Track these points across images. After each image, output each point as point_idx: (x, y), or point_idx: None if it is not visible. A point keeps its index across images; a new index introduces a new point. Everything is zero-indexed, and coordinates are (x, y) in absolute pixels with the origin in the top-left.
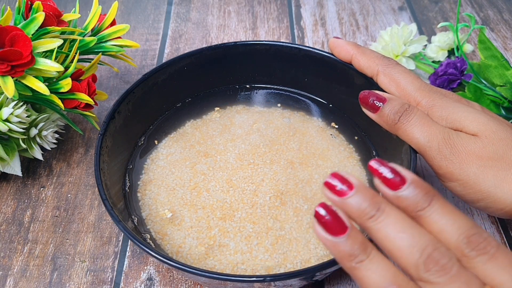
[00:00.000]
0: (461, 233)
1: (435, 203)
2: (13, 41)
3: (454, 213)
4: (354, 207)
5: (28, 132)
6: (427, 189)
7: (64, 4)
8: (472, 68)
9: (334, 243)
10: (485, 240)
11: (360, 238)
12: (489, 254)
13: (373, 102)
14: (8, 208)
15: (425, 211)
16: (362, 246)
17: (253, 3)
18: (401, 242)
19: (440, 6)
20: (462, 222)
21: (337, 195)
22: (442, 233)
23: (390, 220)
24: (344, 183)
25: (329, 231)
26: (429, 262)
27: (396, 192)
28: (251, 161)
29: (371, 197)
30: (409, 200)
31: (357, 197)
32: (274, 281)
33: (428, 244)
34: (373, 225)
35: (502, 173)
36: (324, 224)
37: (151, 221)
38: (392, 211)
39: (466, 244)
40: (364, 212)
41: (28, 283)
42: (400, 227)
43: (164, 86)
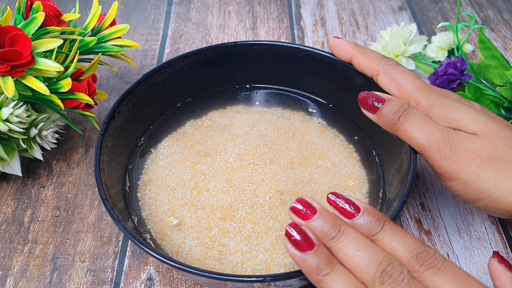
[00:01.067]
0: (411, 251)
1: (386, 227)
2: (13, 41)
3: (404, 235)
4: (317, 229)
5: (28, 132)
6: (378, 215)
7: (64, 4)
8: (472, 68)
9: (302, 258)
10: (432, 256)
11: (325, 253)
12: (436, 268)
13: (372, 103)
14: (8, 208)
15: (379, 235)
16: (327, 260)
17: (253, 3)
18: (359, 259)
19: (440, 6)
20: (411, 242)
21: (302, 219)
22: (395, 252)
23: (349, 239)
24: (308, 208)
25: (298, 248)
26: (383, 275)
27: (352, 220)
28: (251, 161)
29: (332, 220)
30: (364, 227)
31: (320, 220)
32: (274, 281)
33: (382, 260)
34: (335, 245)
35: (501, 172)
36: (294, 242)
37: (151, 221)
38: (350, 231)
39: (416, 261)
40: (326, 234)
41: (28, 283)
42: (357, 246)
43: (164, 86)
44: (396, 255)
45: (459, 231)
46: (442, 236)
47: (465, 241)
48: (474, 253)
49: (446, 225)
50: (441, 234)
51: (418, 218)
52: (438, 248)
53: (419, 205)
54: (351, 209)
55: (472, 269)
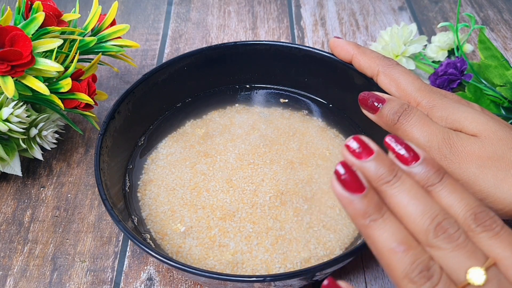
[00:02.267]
0: (469, 209)
1: (445, 180)
2: (13, 41)
3: (463, 191)
4: (371, 171)
5: (28, 132)
6: (438, 167)
7: (64, 4)
8: (472, 68)
9: (350, 200)
10: (491, 219)
11: (375, 199)
12: (494, 231)
13: (372, 103)
14: (8, 208)
15: (436, 187)
16: (377, 206)
17: (253, 3)
18: (413, 208)
19: (440, 6)
20: (471, 199)
21: (356, 157)
22: (451, 208)
23: (405, 187)
24: (365, 148)
25: (347, 188)
26: (438, 229)
27: (409, 167)
28: (251, 161)
29: (389, 164)
30: (421, 176)
31: (376, 162)
32: (274, 281)
33: (438, 214)
34: (389, 189)
35: (501, 173)
36: (343, 182)
37: (151, 221)
38: (407, 179)
39: (473, 220)
40: (381, 177)
41: (28, 283)
42: (413, 195)
43: (164, 86)
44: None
45: None
46: None
47: None
48: None
49: None
50: None
51: None
52: None
53: None
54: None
55: None
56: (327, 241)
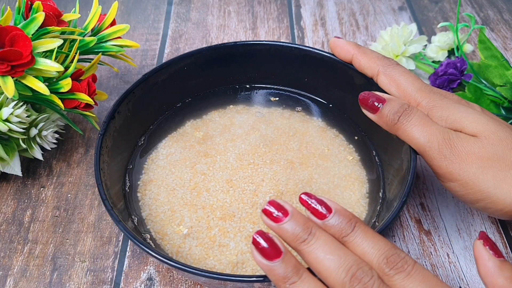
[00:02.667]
0: (381, 254)
1: (357, 229)
2: (13, 41)
3: (375, 237)
4: (288, 231)
5: (28, 132)
6: (350, 217)
7: (64, 4)
8: (472, 68)
9: (270, 267)
10: (403, 260)
11: (293, 261)
12: (406, 272)
13: (372, 103)
14: (8, 208)
15: (349, 237)
16: (295, 268)
17: (253, 3)
18: (329, 263)
19: (440, 6)
20: (382, 244)
21: (273, 221)
22: (365, 255)
23: (320, 242)
24: (280, 210)
25: (266, 256)
26: (353, 280)
27: (323, 221)
28: (251, 161)
29: (303, 222)
30: (335, 228)
31: (291, 223)
32: None
33: (352, 264)
34: (305, 248)
35: (501, 173)
36: (261, 250)
37: (151, 221)
38: (321, 234)
39: (386, 264)
40: (297, 236)
41: (28, 283)
42: (328, 249)
43: (164, 86)
44: (367, 257)
45: (459, 231)
46: (442, 236)
47: (465, 241)
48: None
49: (446, 225)
50: (441, 234)
51: (418, 218)
52: (438, 248)
53: (419, 205)
54: (323, 210)
55: (472, 269)
56: None
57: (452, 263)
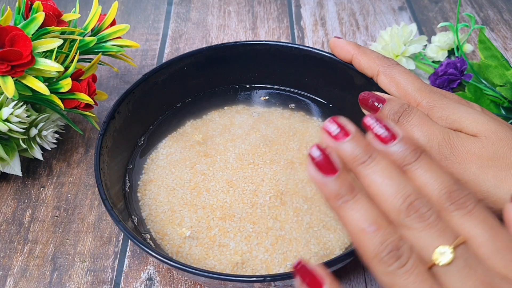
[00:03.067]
0: (443, 187)
1: (422, 159)
2: (13, 41)
3: (439, 170)
4: (347, 152)
5: (28, 132)
6: (416, 145)
7: (64, 4)
8: (472, 68)
9: (323, 182)
10: (465, 196)
11: (348, 180)
12: (466, 209)
13: (372, 103)
14: (8, 208)
15: (412, 165)
16: (349, 187)
17: (253, 3)
18: (386, 188)
19: (440, 6)
20: (446, 178)
21: (333, 139)
22: (426, 187)
23: (379, 167)
24: (342, 129)
25: (321, 170)
26: (410, 209)
27: (386, 146)
28: (251, 161)
29: (364, 145)
30: (398, 155)
31: (352, 144)
32: (274, 281)
33: (411, 193)
34: (363, 170)
35: (502, 173)
36: (317, 164)
37: (151, 221)
38: (382, 159)
39: (447, 198)
40: (356, 158)
41: (28, 283)
42: (387, 174)
43: (164, 86)
44: (428, 189)
45: None
46: None
47: None
48: None
49: None
50: None
51: None
52: None
53: None
54: (387, 135)
55: None
56: (327, 241)
57: None
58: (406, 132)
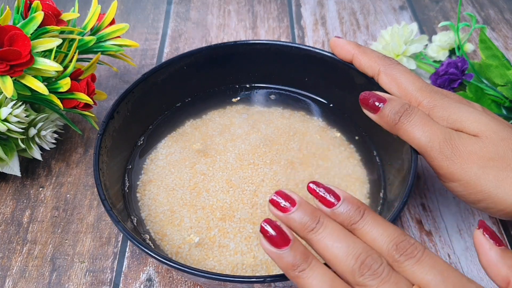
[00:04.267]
0: (391, 240)
1: (366, 216)
2: (12, 40)
3: (384, 224)
4: (296, 221)
5: (27, 132)
6: (358, 204)
7: (63, 3)
8: (473, 68)
9: (278, 255)
10: (412, 246)
11: (301, 249)
12: (415, 258)
13: (373, 103)
14: (7, 209)
15: (358, 224)
16: (303, 256)
17: (253, 2)
18: (338, 251)
19: (441, 6)
20: (391, 231)
21: (281, 211)
22: (375, 242)
23: (328, 231)
24: (287, 200)
25: (274, 244)
26: (363, 267)
27: (332, 209)
28: (251, 161)
29: (311, 212)
30: (344, 215)
31: (299, 212)
32: (274, 281)
33: (361, 252)
34: (314, 237)
35: (503, 173)
36: (269, 238)
37: (151, 222)
38: (329, 223)
39: (396, 251)
40: (305, 226)
41: (27, 284)
42: (336, 237)
43: (163, 86)
44: (376, 244)
45: (460, 232)
46: (443, 236)
47: (466, 241)
48: (475, 253)
49: (447, 226)
50: (442, 234)
51: (419, 219)
52: (439, 248)
53: (420, 205)
54: (331, 198)
55: (473, 270)
56: None
57: (453, 263)
58: (347, 193)
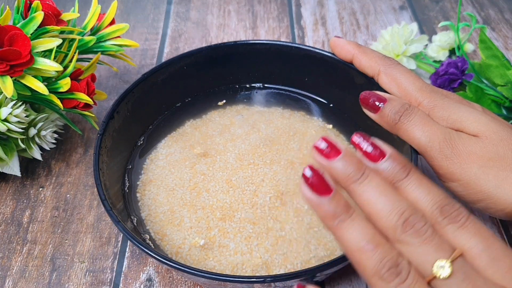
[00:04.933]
0: (435, 202)
1: (412, 175)
2: (12, 40)
3: (429, 185)
4: (340, 170)
5: (27, 132)
6: (404, 162)
7: (63, 3)
8: (473, 68)
9: (319, 202)
10: (457, 210)
11: (343, 199)
12: (459, 223)
13: (373, 103)
14: (7, 209)
15: (403, 182)
16: (345, 206)
17: (253, 2)
18: (381, 205)
19: (441, 6)
20: (437, 193)
21: (325, 157)
22: (418, 202)
23: (373, 184)
24: (332, 148)
25: (315, 191)
26: (406, 225)
27: (375, 164)
28: (251, 161)
29: (356, 163)
30: (388, 172)
31: (344, 162)
32: (274, 282)
33: (405, 209)
34: (357, 188)
35: (502, 173)
36: (311, 185)
37: (151, 222)
38: (375, 177)
39: (439, 213)
40: (349, 176)
41: (27, 284)
42: (381, 192)
43: (163, 85)
44: (420, 205)
45: None
46: None
47: None
48: None
49: None
50: None
51: None
52: None
53: None
54: (376, 152)
55: None
56: (328, 241)
57: None
58: (394, 150)
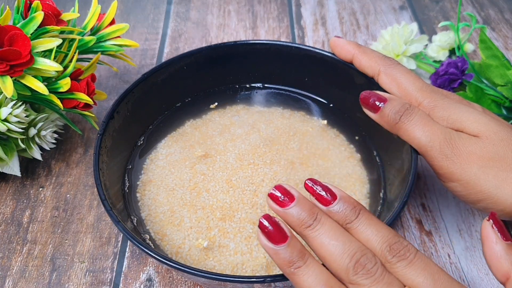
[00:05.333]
0: (384, 241)
1: (361, 216)
2: (12, 40)
3: (378, 225)
4: (294, 216)
5: (27, 132)
6: (354, 204)
7: (63, 3)
8: (473, 68)
9: (275, 251)
10: (405, 247)
11: (298, 246)
12: (408, 260)
13: (373, 102)
14: (7, 209)
15: (353, 223)
16: (300, 253)
17: (253, 2)
18: (333, 248)
19: (441, 6)
20: (385, 232)
21: (279, 206)
22: (368, 242)
23: (325, 228)
24: (286, 195)
25: (271, 240)
26: (357, 266)
27: (328, 207)
28: (251, 161)
29: (309, 208)
30: (339, 214)
31: (297, 208)
32: (274, 282)
33: (356, 251)
34: (310, 233)
35: (502, 174)
36: (267, 234)
37: (151, 222)
38: (326, 220)
39: (389, 252)
40: (303, 222)
41: (27, 284)
42: (333, 235)
43: (163, 85)
44: (370, 244)
45: (460, 232)
46: (443, 236)
47: (466, 241)
48: (475, 253)
49: (447, 226)
50: (442, 234)
51: (419, 219)
52: (439, 248)
53: (420, 205)
54: (328, 196)
55: (473, 270)
56: None
57: (453, 263)
58: (343, 192)
